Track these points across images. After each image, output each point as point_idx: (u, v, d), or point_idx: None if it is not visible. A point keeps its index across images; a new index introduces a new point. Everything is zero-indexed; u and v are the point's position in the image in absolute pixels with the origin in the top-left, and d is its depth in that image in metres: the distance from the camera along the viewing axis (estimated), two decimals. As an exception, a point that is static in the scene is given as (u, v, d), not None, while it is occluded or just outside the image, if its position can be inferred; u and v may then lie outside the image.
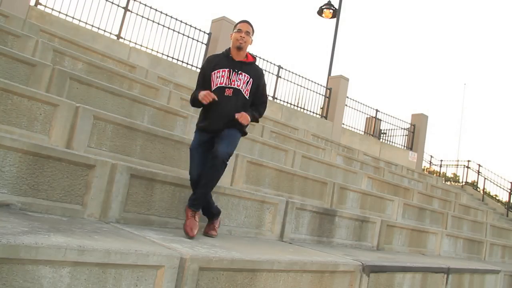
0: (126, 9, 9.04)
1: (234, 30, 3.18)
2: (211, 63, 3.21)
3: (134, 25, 9.15)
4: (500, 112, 57.27)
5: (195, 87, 3.35)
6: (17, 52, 4.06)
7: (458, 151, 38.48)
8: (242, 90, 3.13)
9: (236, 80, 3.12)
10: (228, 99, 3.09)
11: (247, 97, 3.17)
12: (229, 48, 3.24)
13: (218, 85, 3.11)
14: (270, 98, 11.41)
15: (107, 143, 3.51)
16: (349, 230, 4.69)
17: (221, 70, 3.14)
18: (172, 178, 3.21)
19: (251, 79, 3.18)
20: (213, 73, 3.16)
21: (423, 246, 5.81)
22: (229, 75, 3.12)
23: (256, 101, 3.29)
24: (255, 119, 3.30)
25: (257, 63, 3.41)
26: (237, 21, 3.24)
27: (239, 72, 3.15)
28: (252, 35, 3.24)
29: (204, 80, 3.21)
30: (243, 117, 3.06)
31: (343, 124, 13.09)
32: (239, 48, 3.16)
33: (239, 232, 3.61)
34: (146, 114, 4.64)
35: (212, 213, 3.18)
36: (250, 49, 3.37)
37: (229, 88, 3.11)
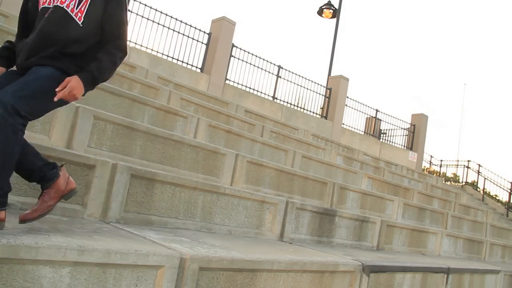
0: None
1: None
2: None
3: (134, 25, 9.16)
4: (500, 112, 57.26)
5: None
6: (17, 52, 4.06)
7: (458, 151, 38.49)
8: (68, 10, 2.06)
9: None
10: (46, 23, 2.06)
11: (79, 22, 2.08)
12: None
13: (41, 6, 2.13)
14: (270, 98, 11.39)
15: (107, 143, 3.51)
16: (349, 230, 4.69)
17: None
18: (172, 178, 3.21)
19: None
20: None
21: (423, 246, 5.81)
22: None
23: (104, 37, 2.16)
24: (99, 76, 2.11)
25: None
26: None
27: None
28: None
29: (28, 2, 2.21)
30: (67, 86, 1.96)
31: (343, 124, 13.10)
32: None
33: (239, 232, 3.61)
34: (146, 114, 4.64)
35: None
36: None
37: (50, 8, 2.09)
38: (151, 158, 3.77)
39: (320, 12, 14.56)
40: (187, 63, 9.91)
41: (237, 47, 10.70)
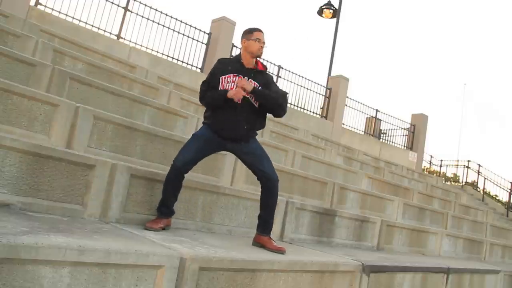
0: (126, 9, 9.04)
1: (251, 38, 3.09)
2: (222, 66, 3.14)
3: (134, 25, 9.16)
4: (500, 112, 57.24)
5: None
6: (17, 52, 4.06)
7: (458, 151, 38.47)
8: (250, 98, 3.06)
9: None
10: (239, 107, 3.03)
11: (255, 104, 3.10)
12: (240, 54, 3.17)
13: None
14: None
15: (107, 143, 3.51)
16: (349, 230, 4.69)
17: (231, 75, 3.07)
18: (172, 178, 3.20)
19: (259, 87, 3.10)
20: (223, 77, 3.08)
21: (423, 246, 5.81)
22: None
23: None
24: (275, 103, 3.14)
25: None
26: (253, 28, 3.12)
27: (249, 80, 3.07)
28: None
29: (212, 81, 3.12)
30: (242, 82, 2.99)
31: (343, 124, 13.09)
32: (258, 57, 3.13)
33: (239, 232, 3.61)
34: (146, 114, 4.64)
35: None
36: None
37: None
38: (151, 158, 3.77)
39: (320, 12, 14.53)
40: (187, 63, 9.91)
41: (237, 47, 10.69)
